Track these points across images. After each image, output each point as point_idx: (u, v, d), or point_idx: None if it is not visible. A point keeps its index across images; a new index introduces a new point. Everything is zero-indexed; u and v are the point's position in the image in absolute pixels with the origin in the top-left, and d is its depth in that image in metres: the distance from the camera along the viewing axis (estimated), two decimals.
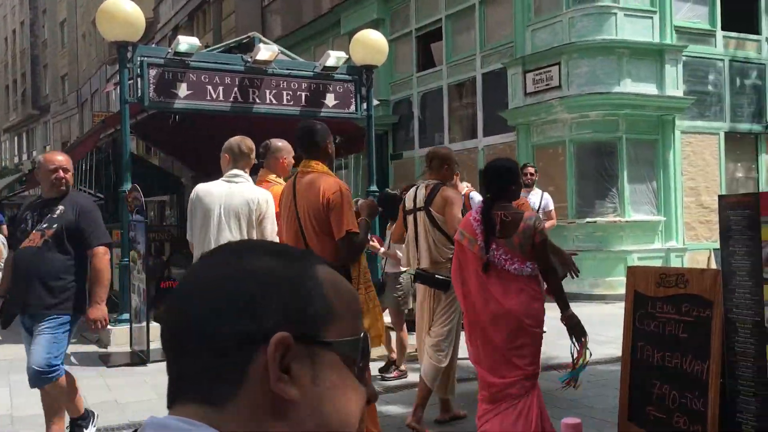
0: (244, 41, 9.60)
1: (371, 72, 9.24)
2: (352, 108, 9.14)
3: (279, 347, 0.70)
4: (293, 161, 4.65)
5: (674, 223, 12.20)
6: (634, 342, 3.53)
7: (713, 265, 11.38)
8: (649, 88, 11.87)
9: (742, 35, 13.27)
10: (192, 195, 4.33)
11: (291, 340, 0.70)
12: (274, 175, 4.58)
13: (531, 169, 7.81)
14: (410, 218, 4.80)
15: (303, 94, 8.84)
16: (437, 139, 15.24)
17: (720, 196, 3.12)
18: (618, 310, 3.91)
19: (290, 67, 8.97)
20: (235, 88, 8.43)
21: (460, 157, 10.77)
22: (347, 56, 9.03)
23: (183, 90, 8.09)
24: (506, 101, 12.99)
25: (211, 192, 4.24)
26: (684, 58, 12.27)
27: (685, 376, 3.21)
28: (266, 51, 8.43)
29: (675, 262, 11.78)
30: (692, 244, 12.43)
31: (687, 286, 3.26)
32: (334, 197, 3.57)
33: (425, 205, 4.65)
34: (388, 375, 5.92)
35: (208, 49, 9.98)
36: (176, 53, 7.99)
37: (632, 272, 3.65)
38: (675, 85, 12.10)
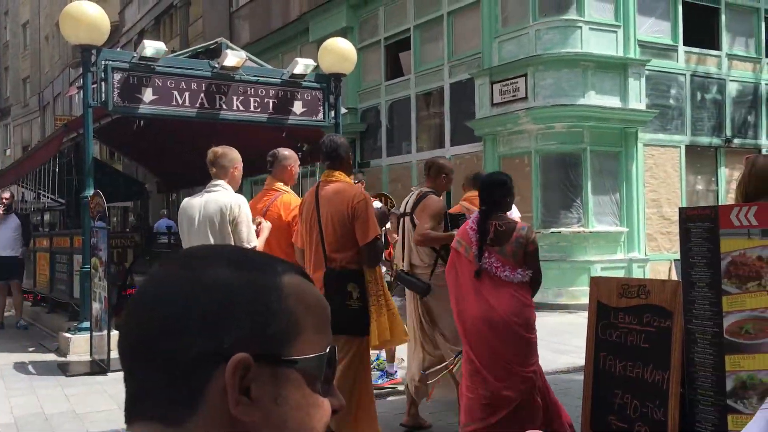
0: (212, 47, 9.50)
1: (339, 80, 9.23)
2: (320, 116, 9.11)
3: (238, 370, 0.66)
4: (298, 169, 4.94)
5: (636, 234, 12.40)
6: (597, 352, 3.56)
7: (674, 276, 11.55)
8: (613, 101, 12.06)
9: (704, 51, 13.58)
10: (180, 207, 4.55)
11: (251, 360, 0.67)
12: (281, 184, 4.79)
13: None
14: (401, 221, 5.07)
15: (270, 101, 8.78)
16: (405, 148, 15.29)
17: (680, 209, 3.18)
18: (581, 319, 3.98)
19: (258, 74, 8.90)
20: (202, 94, 8.33)
21: None
22: (315, 64, 9.00)
23: (148, 95, 7.98)
24: (473, 111, 13.08)
25: (192, 203, 4.46)
26: (647, 72, 12.49)
27: (647, 385, 3.25)
28: (234, 57, 8.36)
29: (637, 273, 11.96)
30: (654, 254, 12.63)
31: (648, 296, 3.31)
32: (360, 205, 3.82)
33: (410, 211, 4.87)
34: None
35: (174, 54, 9.85)
36: (142, 58, 7.87)
37: (595, 282, 3.70)
38: (638, 98, 12.32)
